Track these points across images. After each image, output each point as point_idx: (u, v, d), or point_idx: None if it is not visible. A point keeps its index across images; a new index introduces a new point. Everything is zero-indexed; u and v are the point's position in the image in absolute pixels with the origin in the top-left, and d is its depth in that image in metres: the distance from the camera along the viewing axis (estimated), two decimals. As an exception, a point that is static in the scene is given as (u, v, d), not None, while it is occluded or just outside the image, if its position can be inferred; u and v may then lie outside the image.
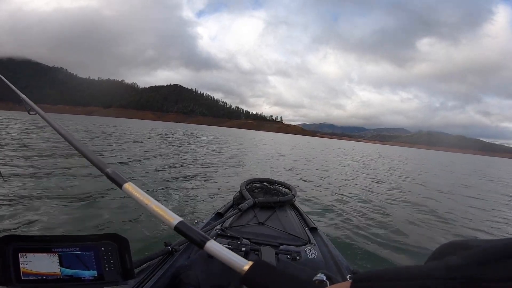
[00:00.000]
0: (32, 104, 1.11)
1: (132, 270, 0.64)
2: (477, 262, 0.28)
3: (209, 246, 0.47)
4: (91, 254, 0.60)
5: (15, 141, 9.12)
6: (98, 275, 0.60)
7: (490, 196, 8.20)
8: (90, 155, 0.75)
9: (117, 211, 3.30)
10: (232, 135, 35.70)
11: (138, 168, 6.52)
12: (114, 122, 51.67)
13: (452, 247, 0.35)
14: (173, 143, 15.12)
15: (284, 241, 1.52)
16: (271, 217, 1.78)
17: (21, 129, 14.92)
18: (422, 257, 2.95)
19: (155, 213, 0.54)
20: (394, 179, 9.71)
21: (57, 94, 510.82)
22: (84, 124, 31.47)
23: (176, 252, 1.32)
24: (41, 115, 1.05)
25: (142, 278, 1.07)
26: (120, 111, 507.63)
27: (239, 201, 2.04)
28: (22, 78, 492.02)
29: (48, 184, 4.20)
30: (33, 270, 0.54)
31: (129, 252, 0.64)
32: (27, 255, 0.55)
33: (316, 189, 6.35)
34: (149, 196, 0.57)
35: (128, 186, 0.61)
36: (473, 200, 7.15)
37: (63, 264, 0.57)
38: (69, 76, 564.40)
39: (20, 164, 5.49)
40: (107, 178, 0.66)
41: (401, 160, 24.45)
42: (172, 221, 0.52)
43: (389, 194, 6.62)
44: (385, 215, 4.57)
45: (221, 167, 8.11)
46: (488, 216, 5.43)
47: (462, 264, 0.29)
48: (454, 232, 4.15)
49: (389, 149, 78.98)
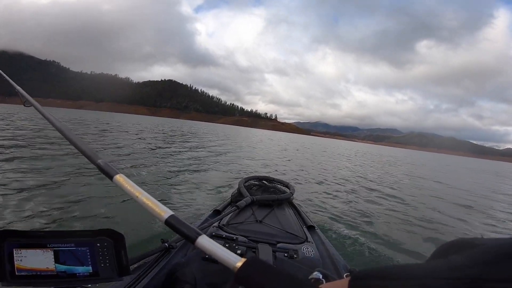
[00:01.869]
0: (28, 96, 1.11)
1: (128, 267, 0.63)
2: (482, 262, 0.27)
3: (200, 241, 0.46)
4: (86, 250, 0.59)
5: (4, 133, 8.89)
6: (93, 271, 0.59)
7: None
8: (81, 146, 0.74)
9: (113, 206, 3.26)
10: (220, 134, 35.36)
11: (136, 167, 6.42)
12: (103, 117, 50.83)
13: (457, 245, 0.34)
14: (169, 140, 14.97)
15: (282, 239, 1.52)
16: (269, 215, 1.78)
17: (14, 121, 14.56)
18: (421, 257, 3.00)
19: (145, 206, 0.53)
20: (394, 180, 9.81)
21: (48, 87, 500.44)
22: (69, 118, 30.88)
23: (173, 249, 1.31)
24: (36, 107, 1.05)
25: (138, 275, 1.05)
26: (112, 106, 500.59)
27: (237, 198, 2.04)
28: (15, 71, 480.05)
29: (41, 177, 4.11)
30: (27, 266, 0.54)
31: (125, 248, 0.63)
32: (21, 250, 0.54)
33: (315, 187, 6.37)
34: (140, 188, 0.57)
35: (119, 177, 0.60)
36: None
37: (58, 260, 0.56)
38: (61, 69, 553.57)
39: (10, 156, 5.35)
40: (98, 169, 0.65)
41: (395, 161, 24.78)
42: (163, 215, 0.51)
43: (388, 194, 6.68)
44: (384, 215, 4.62)
45: (219, 164, 8.06)
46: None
47: (466, 264, 0.28)
48: (454, 232, 4.19)
49: (381, 150, 79.93)
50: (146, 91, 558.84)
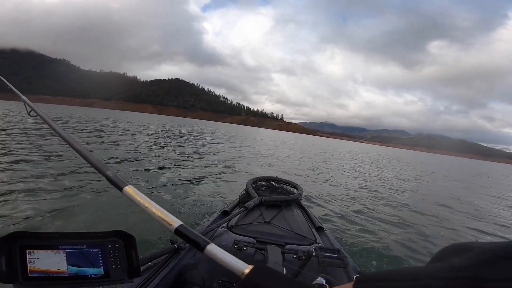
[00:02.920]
0: (33, 106, 1.08)
1: (139, 268, 0.63)
2: (480, 262, 0.28)
3: (209, 249, 0.47)
4: (98, 251, 0.60)
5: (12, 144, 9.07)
6: (104, 272, 0.59)
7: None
8: (91, 158, 0.75)
9: (123, 207, 3.28)
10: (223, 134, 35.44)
11: (139, 165, 6.48)
12: (113, 115, 51.51)
13: (454, 249, 0.36)
14: (178, 140, 15.09)
15: (290, 240, 1.51)
16: (277, 216, 1.77)
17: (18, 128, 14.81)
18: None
19: (155, 216, 0.55)
20: (403, 183, 9.68)
21: (57, 85, 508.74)
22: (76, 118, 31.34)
23: (182, 250, 1.31)
24: (43, 118, 1.02)
25: (148, 276, 1.06)
26: (119, 104, 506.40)
27: (245, 199, 2.03)
28: (25, 69, 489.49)
29: (50, 183, 4.15)
30: (40, 267, 0.54)
31: (136, 249, 0.63)
32: (34, 252, 0.54)
33: (323, 189, 6.34)
34: (149, 199, 0.57)
35: (129, 189, 0.61)
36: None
37: (70, 262, 0.56)
38: (71, 67, 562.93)
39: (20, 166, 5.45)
40: (107, 180, 0.66)
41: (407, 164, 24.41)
42: (173, 225, 0.52)
43: (398, 196, 6.61)
44: (394, 217, 4.58)
45: (227, 165, 8.10)
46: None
47: (465, 265, 0.29)
48: (462, 235, 4.16)
49: (389, 151, 78.96)
50: (153, 90, 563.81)
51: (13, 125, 11.65)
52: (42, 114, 1.05)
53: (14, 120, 14.45)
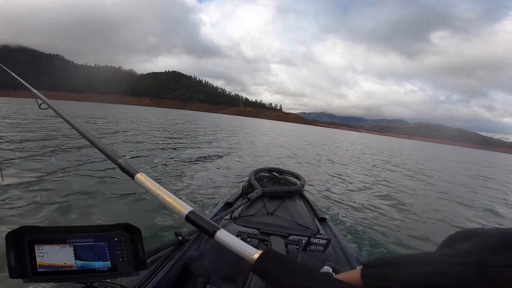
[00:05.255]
0: (44, 98, 1.10)
1: (145, 261, 0.63)
2: (488, 248, 0.29)
3: (219, 235, 0.48)
4: (105, 245, 0.60)
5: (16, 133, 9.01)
6: (111, 266, 0.59)
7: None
8: (103, 147, 0.75)
9: (128, 200, 3.30)
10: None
11: (145, 157, 6.47)
12: (108, 109, 51.11)
13: (462, 235, 0.36)
14: (179, 132, 15.03)
15: (293, 231, 1.52)
16: (280, 207, 1.78)
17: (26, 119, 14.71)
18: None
19: (166, 203, 0.55)
20: (405, 171, 9.71)
21: (52, 80, 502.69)
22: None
23: (187, 242, 1.32)
24: (54, 109, 1.04)
25: (153, 269, 1.07)
26: (116, 98, 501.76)
27: (248, 190, 2.03)
28: (18, 65, 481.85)
29: (59, 175, 4.14)
30: (48, 262, 0.53)
31: (142, 242, 0.64)
32: (43, 246, 0.54)
33: (326, 179, 6.35)
34: (160, 186, 0.58)
35: (140, 176, 0.61)
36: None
37: (77, 255, 0.56)
38: (65, 62, 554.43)
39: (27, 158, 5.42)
40: (119, 169, 0.66)
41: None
42: (184, 211, 0.52)
43: (401, 186, 6.63)
44: (397, 208, 4.58)
45: (229, 156, 8.10)
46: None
47: (473, 251, 0.29)
48: (466, 224, 4.17)
49: (384, 140, 79.14)
50: (150, 83, 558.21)
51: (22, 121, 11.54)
52: (54, 106, 1.06)
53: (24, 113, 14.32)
